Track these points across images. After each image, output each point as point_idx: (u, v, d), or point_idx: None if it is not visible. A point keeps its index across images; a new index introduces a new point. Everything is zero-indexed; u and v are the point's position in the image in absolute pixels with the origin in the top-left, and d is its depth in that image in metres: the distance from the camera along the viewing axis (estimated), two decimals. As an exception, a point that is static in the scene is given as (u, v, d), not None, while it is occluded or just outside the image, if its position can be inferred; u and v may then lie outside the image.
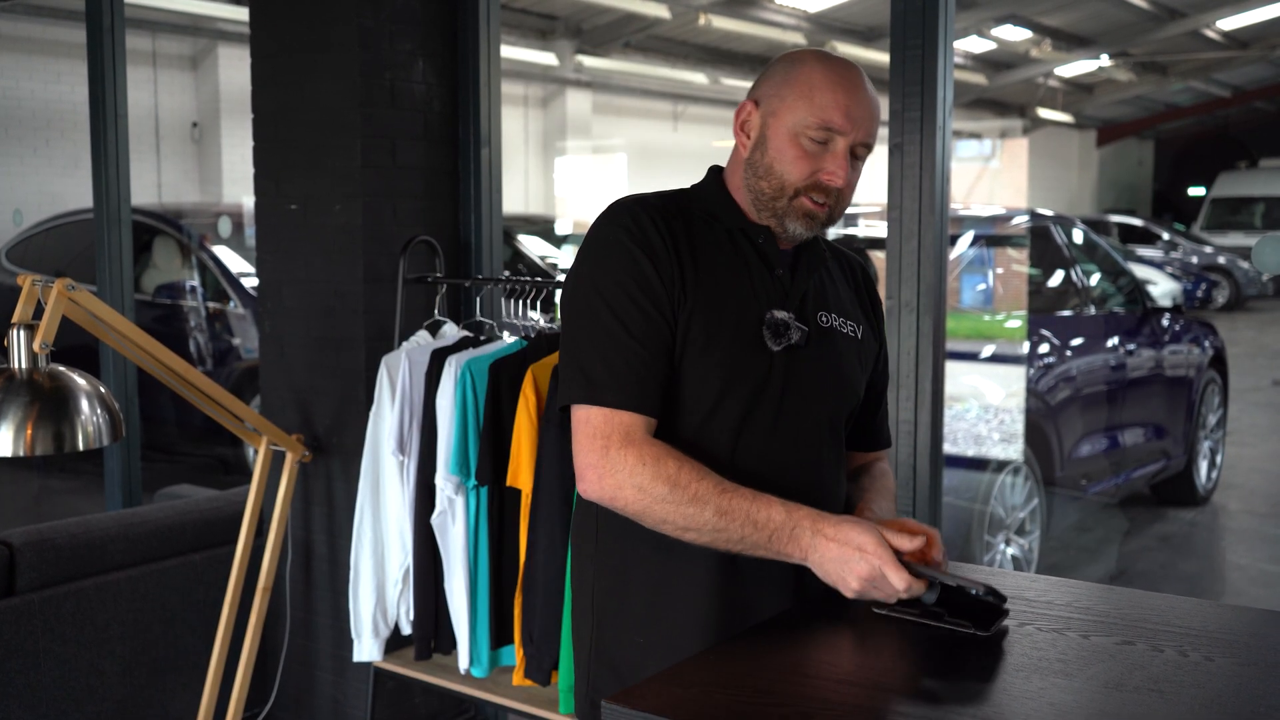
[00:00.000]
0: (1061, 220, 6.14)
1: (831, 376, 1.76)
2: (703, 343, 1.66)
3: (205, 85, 11.68)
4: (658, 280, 1.64)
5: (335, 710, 3.43)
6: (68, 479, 6.84)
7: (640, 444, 1.61)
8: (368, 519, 3.07)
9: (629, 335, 1.63)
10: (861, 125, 1.68)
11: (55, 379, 2.43)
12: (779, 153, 1.69)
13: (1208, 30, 16.22)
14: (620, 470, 1.60)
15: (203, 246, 6.96)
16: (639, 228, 1.67)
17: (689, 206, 1.75)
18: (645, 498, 1.60)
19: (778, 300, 1.72)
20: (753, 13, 13.64)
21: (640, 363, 1.63)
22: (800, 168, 1.68)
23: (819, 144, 1.67)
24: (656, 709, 1.31)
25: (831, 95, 1.67)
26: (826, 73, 1.68)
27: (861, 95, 1.69)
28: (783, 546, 1.58)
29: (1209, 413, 6.12)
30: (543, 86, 14.91)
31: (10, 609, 2.91)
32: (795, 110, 1.68)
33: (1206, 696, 1.33)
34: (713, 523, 1.58)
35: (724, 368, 1.67)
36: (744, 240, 1.74)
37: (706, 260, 1.70)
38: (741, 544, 1.59)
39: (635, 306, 1.64)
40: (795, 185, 1.69)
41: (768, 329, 1.69)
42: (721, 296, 1.68)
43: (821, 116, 1.66)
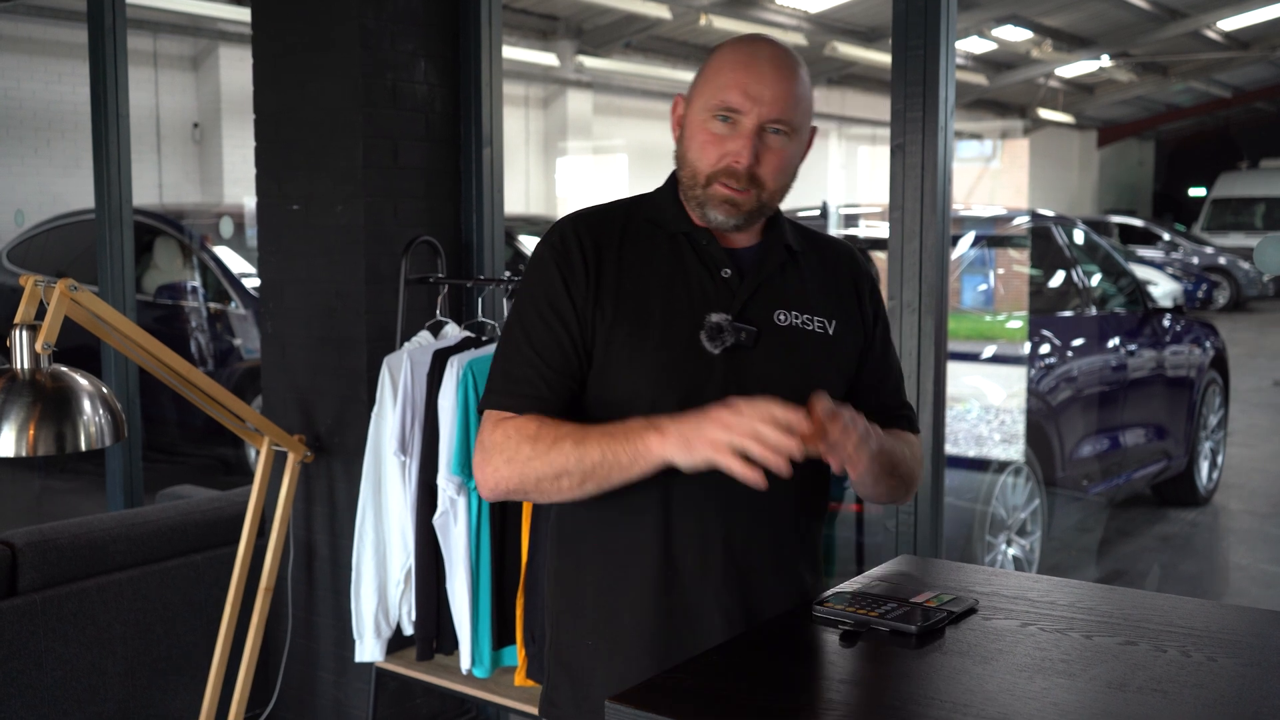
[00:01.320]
0: (1062, 221, 6.14)
1: (785, 376, 1.71)
2: (628, 353, 1.67)
3: (206, 86, 11.68)
4: (566, 297, 1.68)
5: (337, 710, 3.43)
6: (69, 479, 6.84)
7: (505, 423, 1.66)
8: (369, 519, 3.07)
9: (530, 347, 1.69)
10: (764, 103, 1.65)
11: (57, 379, 2.44)
12: (691, 140, 1.70)
13: (1208, 31, 16.22)
14: (492, 453, 1.65)
15: (204, 247, 6.96)
16: (563, 244, 1.71)
17: (634, 214, 1.76)
18: (515, 464, 1.63)
19: (721, 303, 1.70)
20: (753, 13, 13.65)
21: (535, 372, 1.68)
22: (708, 153, 1.68)
23: (726, 125, 1.66)
24: (658, 709, 1.31)
25: (731, 75, 1.66)
26: (732, 54, 1.69)
27: (763, 71, 1.66)
28: (639, 440, 1.56)
29: (1210, 413, 6.12)
30: (544, 87, 14.92)
31: (12, 609, 2.91)
32: (702, 95, 1.69)
33: (1209, 697, 1.33)
34: (574, 454, 1.59)
35: (652, 375, 1.66)
36: (686, 244, 1.73)
37: (636, 269, 1.70)
38: (604, 463, 1.58)
39: (542, 321, 1.69)
40: (705, 172, 1.68)
41: (705, 332, 1.68)
42: (650, 305, 1.68)
43: (720, 97, 1.66)
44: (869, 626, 1.52)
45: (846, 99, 17.12)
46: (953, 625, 1.54)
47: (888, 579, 1.73)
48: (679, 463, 1.55)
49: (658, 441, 1.56)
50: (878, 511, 3.51)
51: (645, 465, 1.58)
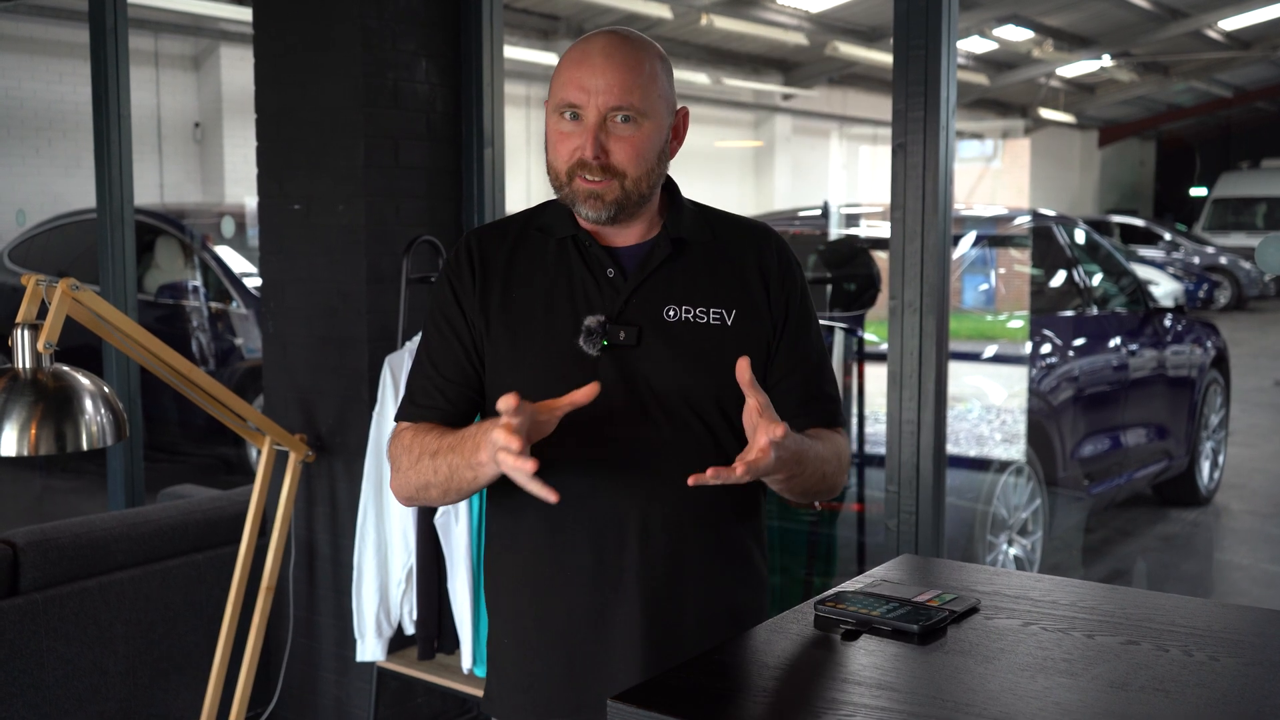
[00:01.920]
0: (1063, 220, 6.14)
1: (674, 372, 1.69)
2: (512, 359, 1.72)
3: (207, 85, 11.69)
4: (457, 308, 1.75)
5: (338, 710, 3.43)
6: (70, 479, 6.85)
7: (398, 435, 1.75)
8: (371, 519, 3.07)
9: (429, 360, 1.77)
10: (600, 92, 1.65)
11: (59, 379, 2.44)
12: (548, 142, 1.72)
13: (1210, 31, 16.22)
14: (391, 466, 1.76)
15: (205, 246, 6.96)
16: (456, 260, 1.77)
17: (528, 222, 1.80)
18: (401, 476, 1.73)
19: (605, 304, 1.70)
20: (754, 13, 13.64)
21: (432, 384, 1.76)
22: (560, 151, 1.69)
23: (574, 123, 1.68)
24: (661, 708, 1.31)
25: (568, 73, 1.68)
26: (570, 53, 1.70)
27: (595, 63, 1.67)
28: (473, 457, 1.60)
29: (1211, 413, 6.12)
30: (545, 87, 14.91)
31: (14, 609, 2.91)
32: (550, 98, 1.72)
33: (1212, 696, 1.33)
34: (430, 468, 1.67)
35: (534, 380, 1.67)
36: (572, 248, 1.74)
37: (523, 278, 1.74)
38: (453, 478, 1.64)
39: (438, 333, 1.77)
40: (562, 170, 1.70)
41: (582, 335, 1.70)
42: (534, 311, 1.72)
43: (560, 95, 1.68)
44: (871, 625, 1.52)
45: (848, 99, 17.12)
46: (955, 624, 1.54)
47: (889, 579, 1.73)
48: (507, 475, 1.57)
49: (489, 462, 1.57)
50: (879, 511, 3.51)
51: (487, 478, 1.62)
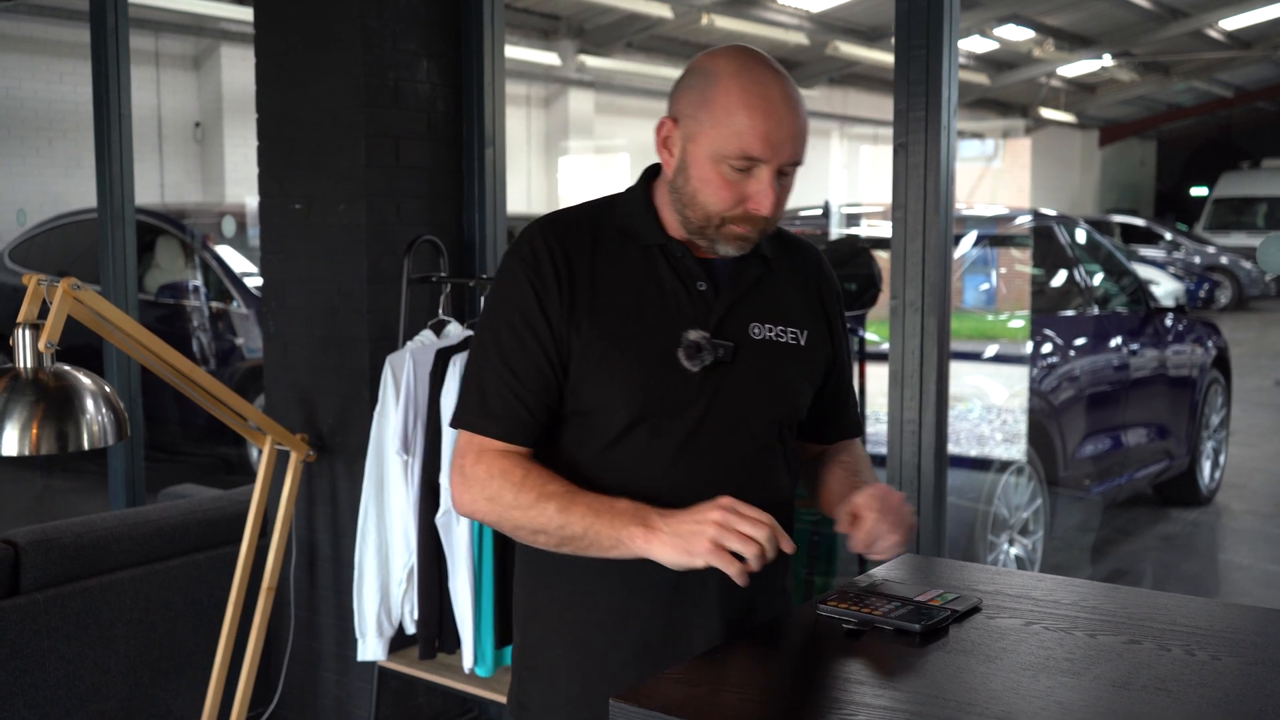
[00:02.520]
0: (1064, 220, 6.14)
1: (764, 391, 1.69)
2: (604, 369, 1.63)
3: (208, 85, 11.69)
4: (541, 314, 1.63)
5: (339, 709, 3.43)
6: (71, 478, 6.85)
7: (491, 457, 1.63)
8: (372, 518, 3.07)
9: (505, 366, 1.64)
10: (785, 148, 1.58)
11: (60, 378, 2.44)
12: (702, 182, 1.60)
13: (1210, 30, 16.22)
14: (473, 485, 1.63)
15: (205, 246, 6.97)
16: (534, 256, 1.65)
17: (604, 222, 1.70)
18: (496, 507, 1.62)
19: (700, 318, 1.65)
20: (755, 12, 13.64)
21: (511, 393, 1.63)
22: (724, 197, 1.60)
23: (741, 171, 1.58)
24: (664, 708, 1.31)
25: (749, 120, 1.56)
26: (744, 94, 1.56)
27: (782, 115, 1.57)
28: (624, 527, 1.54)
29: (1212, 413, 6.12)
30: (545, 86, 14.92)
31: (15, 608, 2.91)
32: (713, 137, 1.58)
33: (1213, 695, 1.33)
34: (557, 519, 1.57)
35: (628, 393, 1.62)
36: (659, 256, 1.67)
37: (609, 283, 1.65)
38: (585, 538, 1.56)
39: (516, 338, 1.64)
40: (721, 214, 1.61)
41: (683, 350, 1.63)
42: (624, 320, 1.64)
43: (740, 146, 1.56)
44: (873, 625, 1.52)
45: (849, 98, 17.12)
46: (956, 624, 1.54)
47: (891, 578, 1.73)
48: (666, 562, 1.52)
49: (643, 537, 1.53)
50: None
51: (626, 553, 1.56)
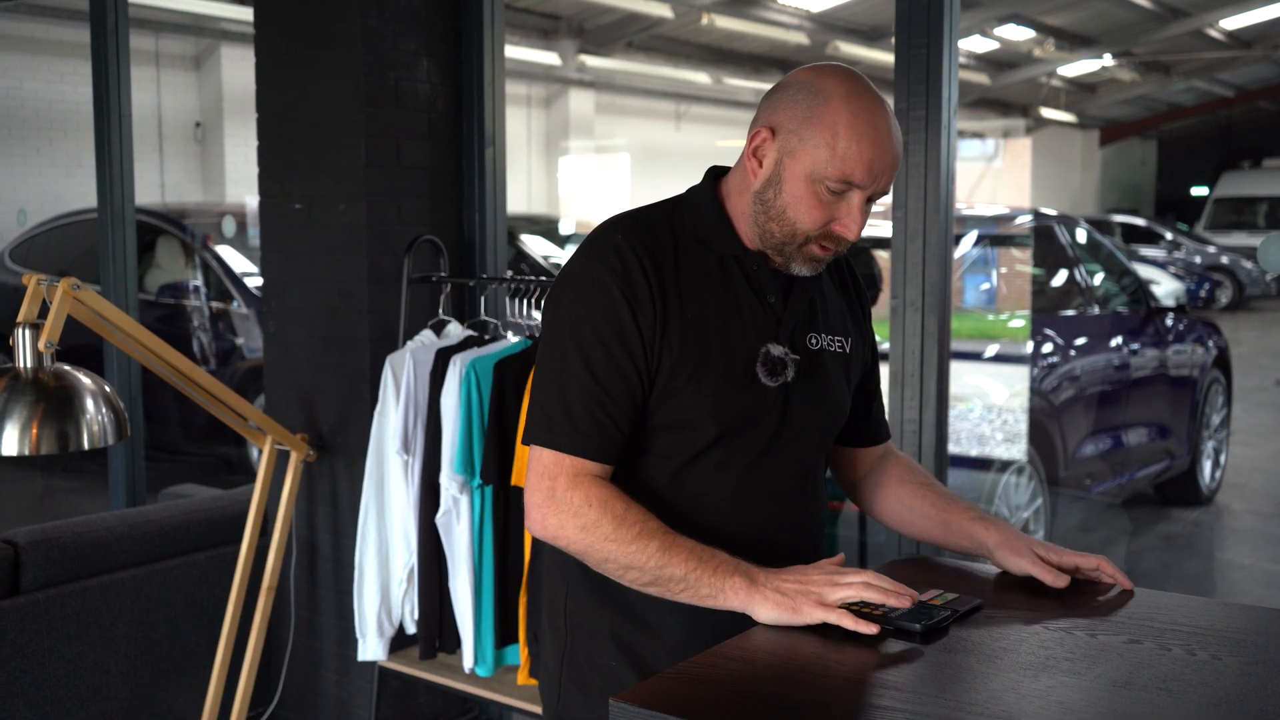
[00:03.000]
0: (1065, 220, 6.14)
1: (822, 404, 1.71)
2: (692, 386, 1.61)
3: (208, 85, 11.69)
4: (634, 327, 1.58)
5: (340, 709, 3.43)
6: (72, 478, 6.85)
7: (588, 484, 1.58)
8: (372, 518, 3.07)
9: (594, 381, 1.58)
10: (884, 177, 1.59)
11: (60, 378, 2.44)
12: (794, 199, 1.59)
13: (1211, 30, 16.22)
14: (565, 510, 1.57)
15: (206, 246, 6.97)
16: (624, 266, 1.59)
17: (680, 229, 1.67)
18: (589, 536, 1.56)
19: (770, 331, 1.65)
20: (756, 12, 13.64)
21: (601, 410, 1.58)
22: (814, 216, 1.59)
23: (835, 194, 1.58)
24: (666, 707, 1.31)
25: (857, 146, 1.56)
26: (853, 118, 1.56)
27: (887, 145, 1.58)
28: (728, 577, 1.52)
29: (1213, 413, 6.11)
30: (545, 86, 14.93)
31: (15, 608, 2.91)
32: (815, 156, 1.57)
33: (1214, 695, 1.33)
34: (656, 559, 1.53)
35: (714, 411, 1.61)
36: (735, 267, 1.66)
37: (694, 295, 1.63)
38: (684, 582, 1.54)
39: (606, 352, 1.58)
40: (807, 232, 1.61)
41: (763, 366, 1.63)
42: (710, 334, 1.62)
43: (843, 169, 1.56)
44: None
45: (848, 98, 17.06)
46: (957, 623, 1.54)
47: (892, 578, 1.72)
48: (766, 619, 1.51)
49: (745, 591, 1.52)
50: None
51: (722, 604, 1.54)
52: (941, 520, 1.78)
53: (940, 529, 1.78)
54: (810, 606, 1.49)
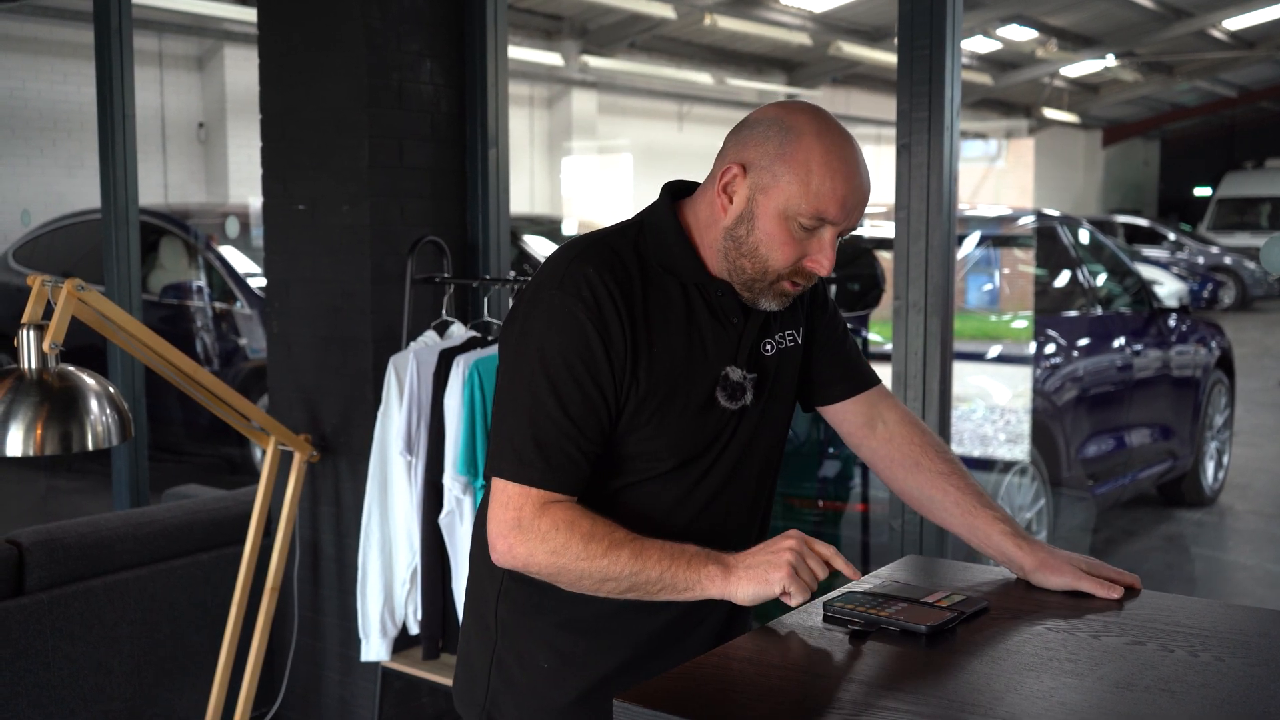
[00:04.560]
0: (1067, 220, 6.13)
1: (777, 406, 1.74)
2: (658, 419, 1.62)
3: (211, 86, 11.70)
4: (606, 364, 1.58)
5: (343, 709, 3.43)
6: (75, 479, 6.86)
7: (553, 510, 1.57)
8: (375, 519, 3.07)
9: (566, 417, 1.57)
10: (855, 213, 1.59)
11: (65, 379, 2.44)
12: (767, 235, 1.58)
13: (1214, 30, 16.21)
14: (533, 538, 1.57)
15: (209, 247, 6.97)
16: (596, 301, 1.57)
17: (645, 254, 1.65)
18: (560, 559, 1.56)
19: (730, 353, 1.66)
20: (758, 13, 13.64)
21: (575, 446, 1.58)
22: (787, 253, 1.59)
23: (807, 230, 1.58)
24: (668, 708, 1.31)
25: (830, 184, 1.55)
26: (826, 154, 1.56)
27: (858, 181, 1.58)
28: (701, 568, 1.54)
29: (1215, 413, 6.11)
30: (548, 87, 14.93)
31: (19, 608, 2.92)
32: (788, 193, 1.56)
33: (1217, 697, 1.33)
34: (630, 566, 1.54)
35: (675, 446, 1.64)
36: (698, 294, 1.66)
37: (662, 327, 1.62)
38: (660, 582, 1.55)
39: (578, 387, 1.57)
40: (779, 270, 1.60)
41: (723, 390, 1.64)
42: (675, 367, 1.62)
43: (816, 206, 1.56)
44: (878, 626, 1.52)
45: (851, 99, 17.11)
46: (961, 625, 1.54)
47: (897, 579, 1.73)
48: (744, 598, 1.53)
49: (721, 577, 1.54)
50: (883, 511, 3.51)
51: (701, 595, 1.55)
52: (967, 524, 1.76)
53: (965, 531, 1.77)
54: (779, 575, 1.52)
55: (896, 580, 1.72)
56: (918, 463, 1.81)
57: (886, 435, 1.84)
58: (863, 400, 1.85)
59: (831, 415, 1.87)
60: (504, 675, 1.74)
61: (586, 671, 1.70)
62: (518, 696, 1.73)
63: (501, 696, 1.75)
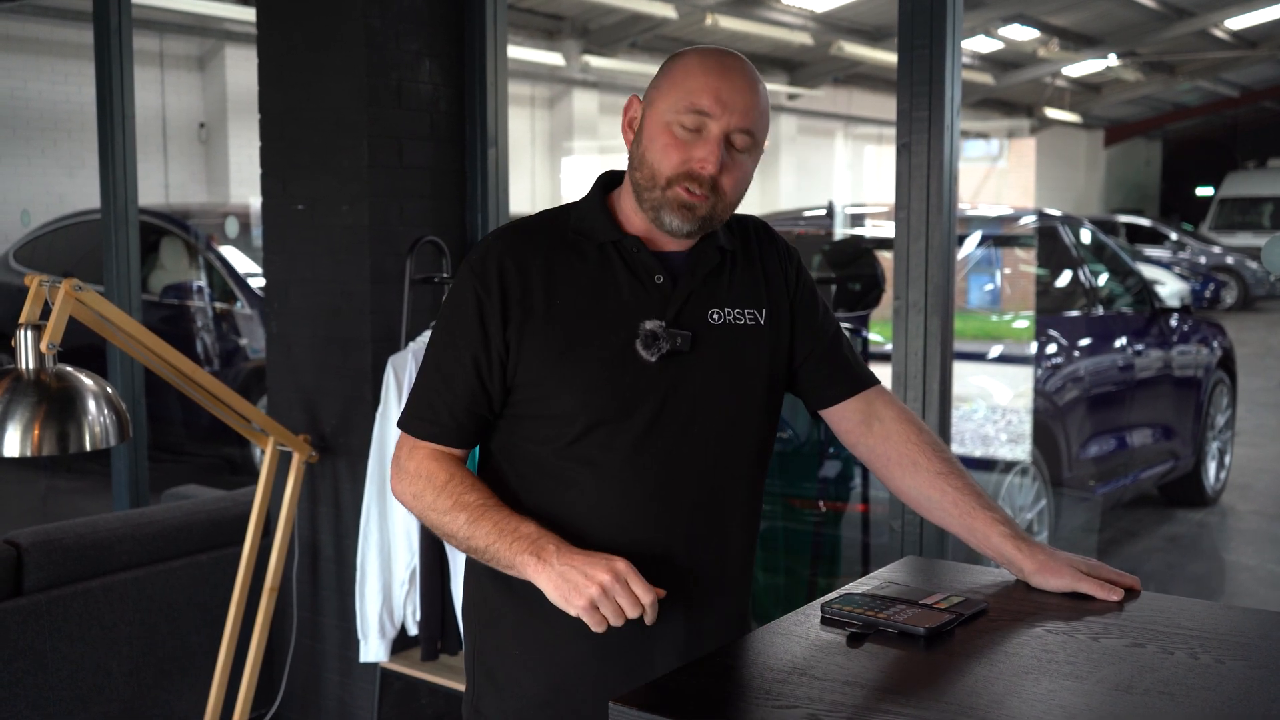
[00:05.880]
0: (1069, 220, 6.12)
1: (725, 378, 1.71)
2: (564, 369, 1.64)
3: (212, 86, 11.70)
4: (478, 325, 1.66)
5: (342, 711, 3.42)
6: (75, 479, 6.85)
7: (421, 455, 1.71)
8: (374, 519, 3.06)
9: (438, 371, 1.71)
10: (735, 111, 1.62)
11: (62, 379, 2.43)
12: (651, 141, 1.65)
13: (1216, 30, 16.19)
14: (404, 480, 1.71)
15: (209, 247, 6.97)
16: (483, 266, 1.68)
17: (561, 226, 1.72)
18: (418, 503, 1.69)
19: (654, 309, 1.67)
20: (759, 13, 13.64)
21: (439, 399, 1.70)
22: (671, 156, 1.63)
23: (692, 131, 1.63)
24: (665, 711, 1.31)
25: (703, 79, 1.63)
26: (702, 60, 1.66)
27: (735, 80, 1.64)
28: (520, 553, 1.58)
29: (1217, 413, 6.10)
30: (549, 87, 14.92)
31: (18, 609, 2.91)
32: (668, 98, 1.65)
33: (1217, 699, 1.32)
34: (464, 530, 1.63)
35: (590, 389, 1.64)
36: (614, 253, 1.69)
37: (566, 287, 1.67)
38: (487, 553, 1.62)
39: (451, 348, 1.69)
40: (667, 175, 1.64)
41: (640, 341, 1.65)
42: (583, 318, 1.66)
43: (690, 100, 1.63)
44: (877, 628, 1.52)
45: (852, 98, 17.11)
46: (960, 627, 1.53)
47: (895, 580, 1.72)
48: (548, 596, 1.55)
49: (533, 566, 1.57)
50: (883, 512, 3.50)
51: (519, 575, 1.60)
52: (965, 525, 1.75)
53: (964, 531, 1.76)
54: (580, 602, 1.52)
55: (895, 582, 1.71)
56: (915, 462, 1.79)
57: (883, 434, 1.82)
58: (859, 400, 1.84)
59: (829, 417, 1.86)
60: (485, 668, 1.77)
61: (554, 657, 1.70)
62: (497, 688, 1.76)
63: (484, 690, 1.77)
